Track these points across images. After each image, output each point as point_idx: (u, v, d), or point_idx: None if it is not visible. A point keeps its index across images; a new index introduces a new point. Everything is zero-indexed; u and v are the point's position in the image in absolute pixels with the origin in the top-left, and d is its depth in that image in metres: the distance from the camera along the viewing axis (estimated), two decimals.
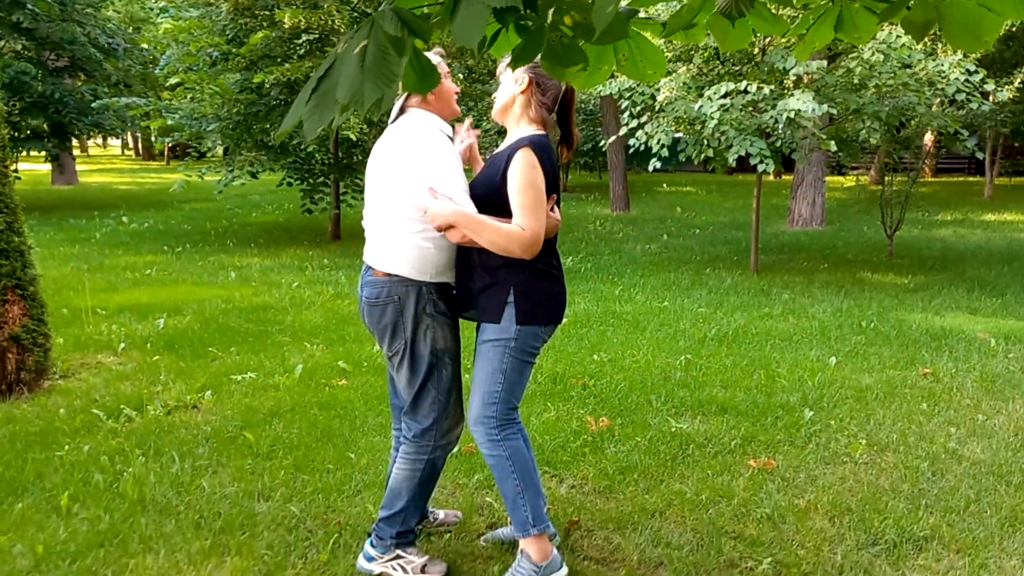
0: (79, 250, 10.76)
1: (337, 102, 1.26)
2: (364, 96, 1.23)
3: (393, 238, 2.70)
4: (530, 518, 2.71)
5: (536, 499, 2.74)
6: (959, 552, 3.01)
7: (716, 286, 8.31)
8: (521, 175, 2.55)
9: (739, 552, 3.01)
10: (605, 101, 15.98)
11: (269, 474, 3.66)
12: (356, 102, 1.24)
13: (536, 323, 2.68)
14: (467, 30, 1.27)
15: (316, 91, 1.32)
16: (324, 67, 1.34)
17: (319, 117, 1.29)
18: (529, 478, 2.73)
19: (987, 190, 18.97)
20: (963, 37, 1.82)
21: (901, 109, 8.30)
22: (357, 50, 1.26)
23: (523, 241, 2.54)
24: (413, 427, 2.81)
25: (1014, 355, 5.63)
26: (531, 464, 2.76)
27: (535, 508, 2.73)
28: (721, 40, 1.94)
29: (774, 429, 4.22)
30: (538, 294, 2.67)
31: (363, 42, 1.26)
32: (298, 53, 10.23)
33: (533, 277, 2.67)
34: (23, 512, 3.33)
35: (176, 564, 2.93)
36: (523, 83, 2.70)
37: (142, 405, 4.53)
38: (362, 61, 1.25)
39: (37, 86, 15.46)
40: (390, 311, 2.71)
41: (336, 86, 1.27)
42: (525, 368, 2.74)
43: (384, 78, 1.24)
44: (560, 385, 4.94)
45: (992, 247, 11.06)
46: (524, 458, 2.74)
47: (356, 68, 1.25)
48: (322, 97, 1.30)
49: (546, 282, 2.70)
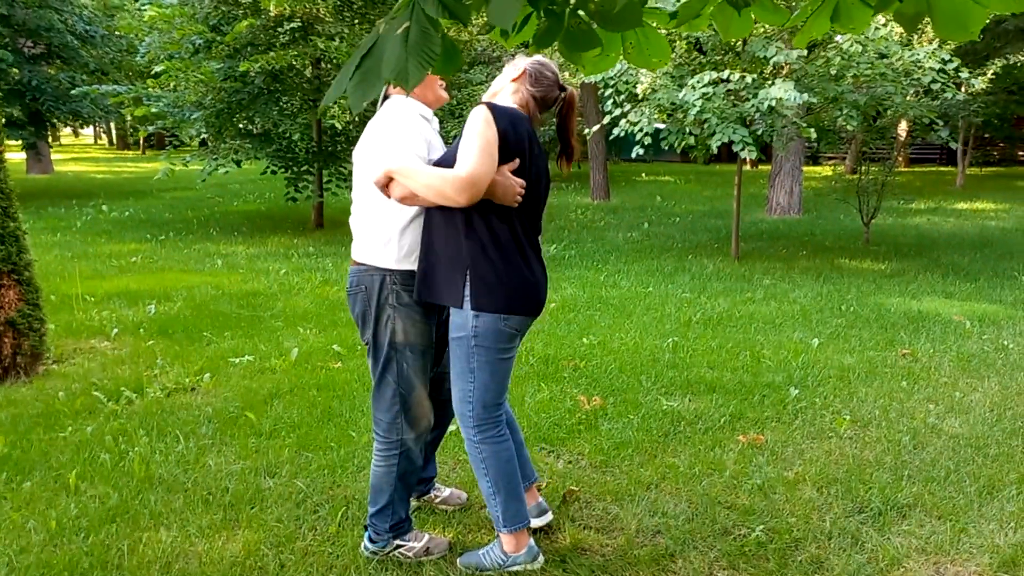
0: (60, 238, 10.72)
1: (381, 77, 1.35)
2: (409, 72, 1.33)
3: (363, 225, 2.71)
4: (500, 518, 2.72)
5: (510, 503, 2.70)
6: (940, 518, 3.16)
7: (699, 272, 8.46)
8: (470, 127, 2.47)
9: (732, 520, 3.15)
10: (586, 91, 16.08)
11: (273, 452, 3.74)
12: (400, 78, 1.34)
13: (493, 310, 2.56)
14: (502, 12, 1.37)
15: (359, 68, 1.41)
16: (365, 46, 1.43)
17: (363, 92, 1.38)
18: (504, 482, 2.69)
19: (959, 179, 19.32)
20: (951, 27, 1.93)
21: (878, 99, 8.48)
22: (400, 30, 1.36)
23: (457, 181, 2.40)
24: (379, 420, 2.79)
25: (988, 336, 5.82)
26: (508, 468, 2.70)
27: (507, 510, 2.71)
28: (724, 29, 2.04)
29: (761, 407, 4.36)
30: (494, 278, 2.56)
31: (405, 23, 1.36)
32: (281, 41, 10.23)
33: (490, 259, 2.56)
34: (32, 490, 3.39)
35: (188, 537, 3.01)
36: (518, 70, 2.73)
37: (141, 388, 4.59)
38: (405, 41, 1.34)
39: (13, 73, 15.30)
40: (359, 301, 2.71)
41: (380, 63, 1.37)
42: (497, 366, 2.64)
43: (426, 56, 1.33)
44: (552, 366, 5.05)
45: (965, 234, 11.31)
46: (500, 463, 2.69)
47: (400, 47, 1.34)
48: (366, 74, 1.39)
49: (507, 266, 2.57)
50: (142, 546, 2.95)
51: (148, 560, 2.86)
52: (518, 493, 2.74)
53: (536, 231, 2.70)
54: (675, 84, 8.34)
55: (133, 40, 14.06)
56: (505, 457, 2.70)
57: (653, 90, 8.24)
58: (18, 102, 15.75)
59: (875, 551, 2.92)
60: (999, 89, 17.77)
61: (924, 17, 1.96)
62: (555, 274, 8.31)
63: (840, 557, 2.88)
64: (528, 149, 2.60)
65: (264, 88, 10.66)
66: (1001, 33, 16.51)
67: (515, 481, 2.73)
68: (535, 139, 2.67)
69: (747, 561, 2.86)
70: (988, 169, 24.04)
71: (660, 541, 2.99)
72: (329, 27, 10.42)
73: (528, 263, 2.63)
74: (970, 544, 2.97)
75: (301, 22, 10.22)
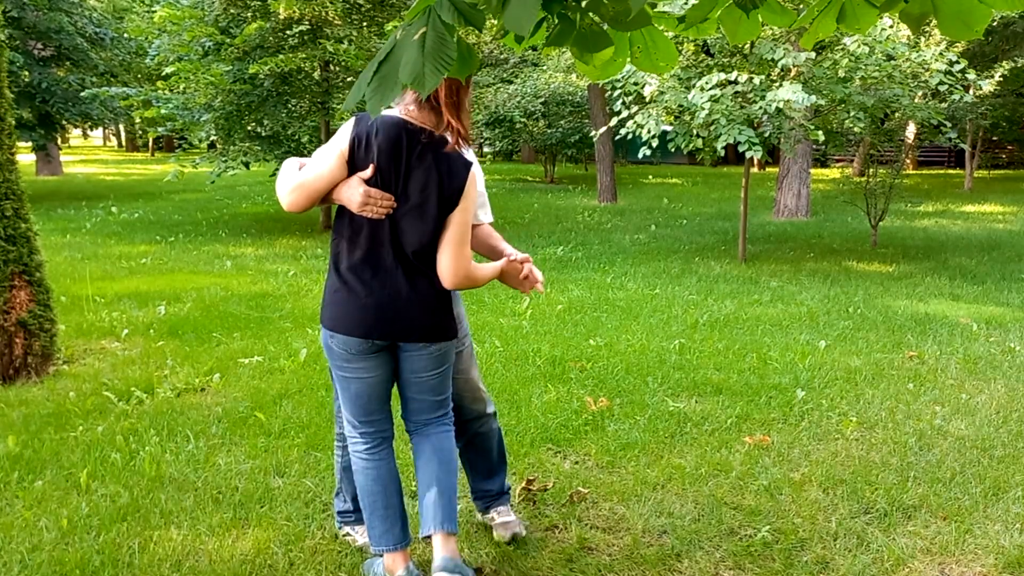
0: (71, 239, 10.78)
1: (398, 82, 1.38)
2: (425, 77, 1.36)
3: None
4: (369, 536, 2.68)
5: (373, 521, 2.63)
6: (946, 519, 3.17)
7: (705, 274, 8.47)
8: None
9: (738, 521, 3.16)
10: (593, 93, 16.11)
11: (282, 452, 3.77)
12: (417, 83, 1.36)
13: (323, 324, 2.58)
14: (519, 18, 1.39)
15: (377, 73, 1.44)
16: (383, 52, 1.46)
17: (381, 96, 1.41)
18: (367, 501, 2.63)
19: (967, 182, 19.27)
20: (956, 26, 1.95)
21: (886, 101, 8.48)
22: (417, 36, 1.39)
23: (282, 184, 2.47)
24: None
25: (995, 339, 5.82)
26: (372, 488, 2.62)
27: (371, 528, 2.64)
28: (732, 32, 2.06)
29: (768, 408, 4.37)
30: (329, 291, 2.55)
31: (422, 29, 1.39)
32: (290, 43, 10.29)
33: (333, 270, 2.54)
34: (44, 489, 3.42)
35: (199, 536, 3.04)
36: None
37: (151, 388, 4.63)
38: (422, 46, 1.37)
39: (24, 75, 15.40)
40: None
41: (398, 68, 1.40)
42: (341, 383, 2.60)
43: (442, 61, 1.36)
44: (558, 368, 5.07)
45: (972, 237, 11.29)
46: (362, 480, 2.64)
47: (417, 52, 1.37)
48: (384, 78, 1.42)
49: (331, 278, 2.53)
50: (153, 544, 2.98)
51: (159, 558, 2.89)
52: (382, 514, 2.62)
53: (416, 248, 2.46)
54: (683, 86, 8.36)
55: (142, 42, 14.15)
56: (371, 476, 2.63)
57: (661, 92, 8.26)
58: (28, 104, 15.86)
59: (880, 552, 2.93)
60: (1007, 91, 17.73)
61: (929, 17, 1.97)
62: (562, 276, 8.33)
63: (846, 557, 2.90)
64: (392, 159, 2.39)
65: (273, 90, 10.71)
66: (1009, 36, 16.48)
67: (379, 504, 2.62)
68: (418, 151, 2.42)
69: (753, 561, 2.88)
70: (996, 172, 23.99)
71: (666, 541, 3.01)
72: (338, 30, 10.48)
73: (357, 282, 2.47)
74: (975, 545, 2.98)
75: (310, 25, 10.28)
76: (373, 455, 2.65)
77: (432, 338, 2.57)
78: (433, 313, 2.55)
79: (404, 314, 2.50)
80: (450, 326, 2.62)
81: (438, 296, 2.55)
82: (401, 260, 2.48)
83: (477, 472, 3.10)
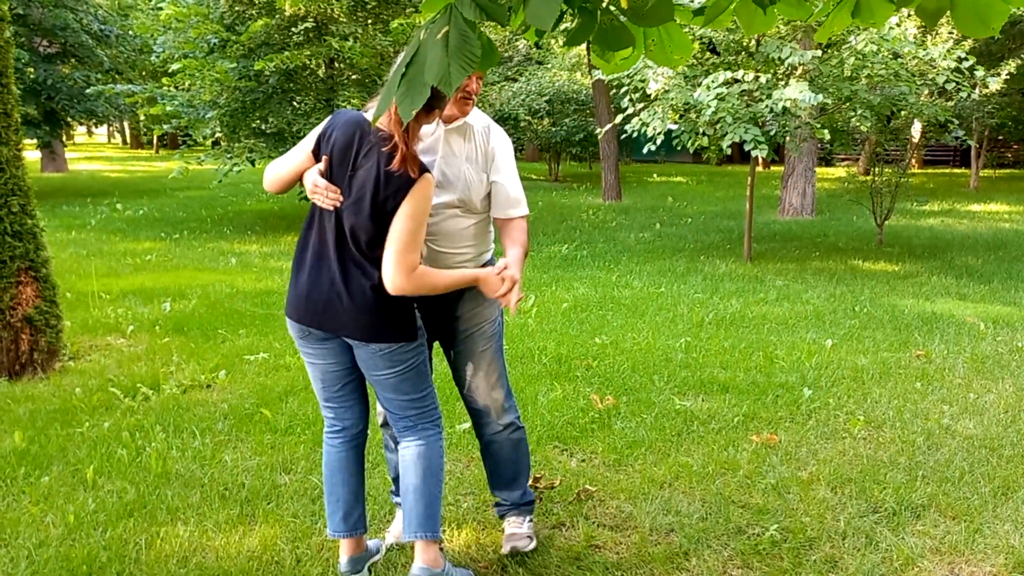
0: (75, 236, 10.79)
1: (425, 84, 1.38)
2: (452, 76, 1.35)
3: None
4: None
5: (327, 504, 2.76)
6: (955, 519, 3.15)
7: (711, 273, 8.45)
8: None
9: (746, 520, 3.15)
10: (598, 91, 16.09)
11: (289, 448, 3.77)
12: (444, 83, 1.36)
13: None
14: (541, 14, 1.38)
15: (405, 76, 1.43)
16: (409, 54, 1.45)
17: (412, 100, 1.40)
18: (326, 482, 2.77)
19: (973, 181, 19.21)
20: (972, 23, 1.93)
21: (892, 99, 8.45)
22: (440, 35, 1.38)
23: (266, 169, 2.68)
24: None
25: (1002, 338, 5.80)
26: (326, 472, 2.76)
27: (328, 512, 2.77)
28: (747, 25, 2.05)
29: (775, 407, 4.36)
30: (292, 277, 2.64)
31: (444, 28, 1.38)
32: (295, 40, 10.28)
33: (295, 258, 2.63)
34: (50, 485, 3.42)
35: (205, 532, 3.04)
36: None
37: (157, 384, 4.63)
38: (446, 45, 1.36)
39: (29, 72, 15.42)
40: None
41: (423, 70, 1.39)
42: (307, 366, 2.71)
43: (467, 59, 1.35)
44: (564, 366, 5.06)
45: (979, 236, 11.26)
46: (325, 462, 2.78)
47: (442, 52, 1.36)
48: (411, 81, 1.41)
49: (295, 267, 2.61)
50: (159, 541, 2.98)
51: (165, 554, 2.88)
52: (327, 499, 2.76)
53: (356, 243, 2.46)
54: (688, 84, 8.34)
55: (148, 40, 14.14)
56: (325, 459, 2.77)
57: (666, 90, 8.24)
58: (33, 101, 15.87)
59: (889, 551, 2.92)
60: (1014, 90, 17.66)
61: (946, 12, 1.95)
62: (567, 274, 8.31)
63: (854, 557, 2.89)
64: (343, 154, 2.46)
65: (278, 87, 10.71)
66: (1017, 34, 16.42)
67: (326, 488, 2.75)
68: (367, 149, 2.44)
69: (761, 560, 2.87)
70: (1002, 171, 23.92)
71: (674, 539, 3.00)
72: (343, 27, 10.47)
73: (303, 268, 2.55)
74: (985, 545, 2.96)
75: (315, 22, 10.27)
76: (329, 438, 2.77)
77: (366, 337, 2.50)
78: (369, 312, 2.48)
79: (333, 307, 2.50)
80: (392, 328, 2.51)
81: (376, 295, 2.47)
82: (341, 253, 2.49)
83: (493, 477, 3.01)
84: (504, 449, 2.94)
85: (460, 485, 3.44)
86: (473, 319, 2.80)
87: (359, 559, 2.75)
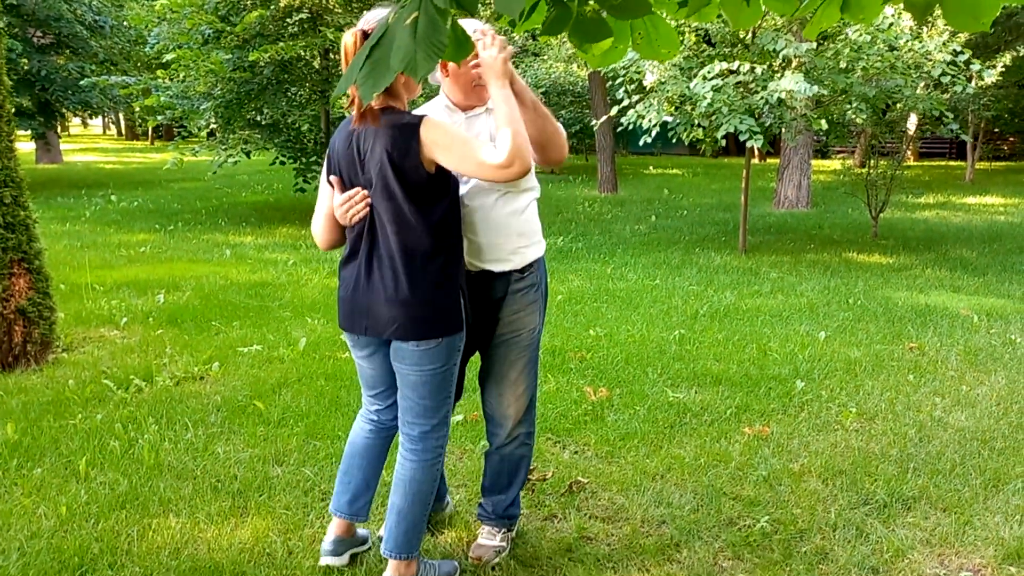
0: (70, 227, 10.76)
1: (391, 68, 1.36)
2: (418, 64, 1.34)
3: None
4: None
5: (338, 484, 2.81)
6: (945, 510, 3.17)
7: (706, 265, 8.46)
8: None
9: (737, 511, 3.16)
10: (594, 83, 16.05)
11: (281, 441, 3.77)
12: (410, 68, 1.34)
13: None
14: (509, 1, 1.37)
15: (369, 58, 1.41)
16: (375, 37, 1.43)
17: (374, 82, 1.39)
18: (344, 461, 2.82)
19: (968, 174, 19.22)
20: (962, 17, 1.92)
21: (888, 92, 8.44)
22: (409, 21, 1.36)
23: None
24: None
25: (995, 331, 5.81)
26: (348, 455, 2.80)
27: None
28: (733, 18, 2.04)
29: (767, 399, 4.37)
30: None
31: (414, 13, 1.36)
32: (290, 31, 10.24)
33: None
34: (43, 476, 3.42)
35: (197, 524, 3.04)
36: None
37: (151, 376, 4.62)
38: (414, 31, 1.35)
39: (23, 63, 15.35)
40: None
41: (389, 53, 1.37)
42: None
43: (435, 47, 1.34)
44: (558, 358, 5.06)
45: (973, 228, 11.27)
46: (349, 441, 2.83)
47: (409, 38, 1.35)
48: (375, 63, 1.39)
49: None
50: (151, 532, 2.98)
51: (157, 546, 2.88)
52: (344, 480, 2.78)
53: (395, 229, 2.42)
54: (684, 76, 8.32)
55: (142, 30, 14.09)
56: (350, 437, 2.82)
57: (662, 82, 8.23)
58: (28, 92, 15.80)
59: (880, 543, 2.93)
60: (1010, 83, 17.68)
61: (935, 7, 1.94)
62: (562, 266, 8.31)
63: (845, 548, 2.90)
64: (349, 157, 2.45)
65: (273, 79, 10.67)
66: (1012, 27, 16.40)
67: (342, 465, 2.80)
68: (363, 138, 2.42)
69: (752, 551, 2.88)
70: (998, 164, 23.92)
71: (665, 531, 3.01)
72: (338, 18, 10.42)
73: (342, 275, 2.58)
74: (975, 536, 2.98)
75: (310, 13, 10.23)
76: (362, 422, 2.78)
77: (408, 336, 2.44)
78: (412, 307, 2.42)
79: (368, 310, 2.48)
80: (436, 322, 2.44)
81: (410, 288, 2.41)
82: (370, 250, 2.46)
83: (485, 481, 2.94)
84: (506, 462, 2.87)
85: (453, 477, 3.44)
86: (512, 324, 2.69)
87: (344, 542, 2.76)
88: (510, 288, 2.65)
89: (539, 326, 2.76)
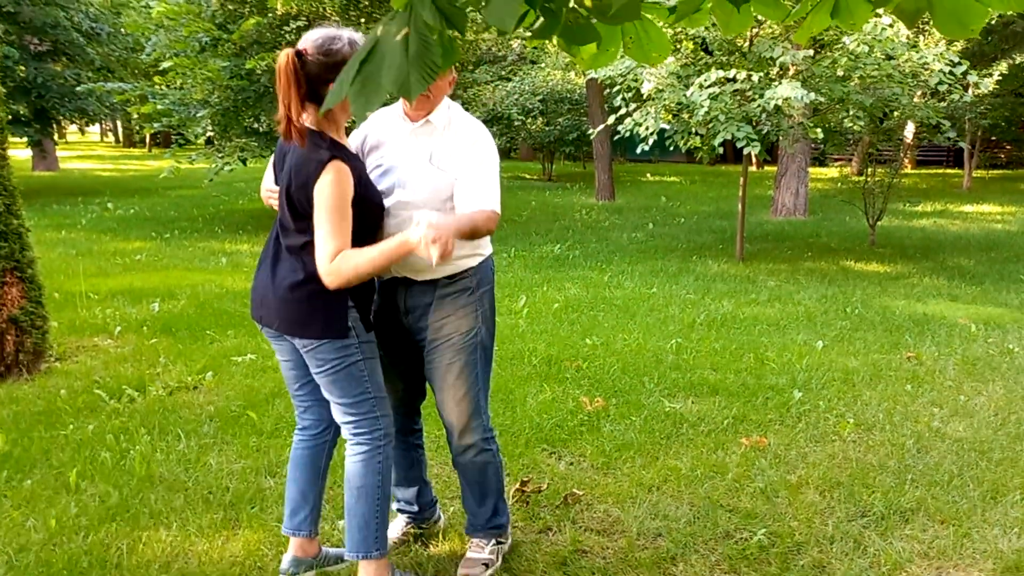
0: (65, 235, 10.72)
1: (382, 87, 1.32)
2: (411, 86, 1.30)
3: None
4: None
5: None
6: (943, 523, 3.14)
7: (703, 273, 8.44)
8: None
9: (734, 524, 3.13)
10: (591, 91, 16.05)
11: (275, 451, 3.73)
12: (403, 90, 1.31)
13: None
14: (501, 14, 1.34)
15: (359, 74, 1.38)
16: (365, 50, 1.40)
17: (366, 100, 1.35)
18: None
19: (966, 182, 19.22)
20: (951, 25, 1.91)
21: (885, 100, 8.44)
22: (400, 37, 1.33)
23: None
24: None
25: (993, 340, 5.79)
26: (289, 470, 2.83)
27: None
28: (724, 24, 2.02)
29: (764, 409, 4.34)
30: None
31: (405, 29, 1.33)
32: (287, 39, 10.23)
33: None
34: (33, 488, 3.39)
35: (188, 537, 3.01)
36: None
37: (143, 386, 4.59)
38: (406, 50, 1.32)
39: (19, 70, 15.32)
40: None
41: (380, 71, 1.34)
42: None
43: (428, 69, 1.30)
44: (554, 367, 5.04)
45: (971, 237, 11.26)
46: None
47: (401, 57, 1.31)
48: (366, 80, 1.35)
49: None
50: (142, 545, 2.95)
51: (148, 559, 2.85)
52: (286, 494, 2.81)
53: (287, 231, 2.52)
54: (681, 84, 8.32)
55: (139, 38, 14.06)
56: (290, 454, 2.83)
57: (659, 90, 8.22)
58: (24, 99, 15.74)
59: (878, 555, 2.90)
60: (1006, 91, 17.68)
61: (924, 13, 1.93)
62: (558, 274, 8.29)
63: (842, 561, 2.87)
64: (280, 155, 2.58)
65: (270, 86, 10.64)
66: (1009, 35, 16.44)
67: (287, 483, 2.81)
68: (287, 151, 2.49)
69: (749, 565, 2.85)
70: (995, 172, 23.95)
71: (661, 544, 2.98)
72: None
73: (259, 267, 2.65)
74: (973, 549, 2.95)
75: (307, 20, 10.22)
76: (295, 433, 2.79)
77: (288, 331, 2.51)
78: (289, 304, 2.48)
79: (262, 299, 2.58)
80: (311, 323, 2.47)
81: (300, 289, 2.46)
82: (277, 246, 2.56)
83: (462, 493, 2.90)
84: (468, 471, 2.81)
85: (447, 489, 3.41)
86: (441, 329, 2.66)
87: (301, 561, 2.74)
88: (437, 293, 2.66)
89: (479, 329, 2.69)
